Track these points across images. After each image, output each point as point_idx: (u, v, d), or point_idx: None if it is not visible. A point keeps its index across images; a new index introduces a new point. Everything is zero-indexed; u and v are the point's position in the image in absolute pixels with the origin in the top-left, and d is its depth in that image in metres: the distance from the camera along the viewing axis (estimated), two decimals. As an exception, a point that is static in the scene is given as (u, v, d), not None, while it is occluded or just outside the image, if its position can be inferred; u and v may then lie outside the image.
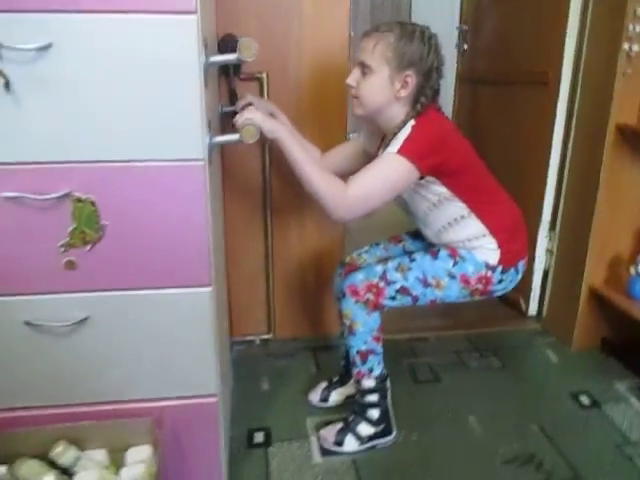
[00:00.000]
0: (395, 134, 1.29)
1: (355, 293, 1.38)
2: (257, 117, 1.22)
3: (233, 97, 1.61)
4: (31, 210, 1.03)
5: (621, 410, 1.70)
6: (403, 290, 1.39)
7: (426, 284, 1.39)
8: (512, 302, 2.30)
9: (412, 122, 1.30)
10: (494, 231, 1.39)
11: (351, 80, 1.34)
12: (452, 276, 1.40)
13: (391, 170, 1.27)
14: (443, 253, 1.42)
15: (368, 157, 1.51)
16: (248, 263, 1.91)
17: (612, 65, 1.75)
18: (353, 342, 1.44)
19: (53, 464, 1.14)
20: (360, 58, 1.32)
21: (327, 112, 1.77)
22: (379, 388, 1.49)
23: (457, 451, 1.52)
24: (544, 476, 1.43)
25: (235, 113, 1.54)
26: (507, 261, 1.41)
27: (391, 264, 1.41)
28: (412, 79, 1.30)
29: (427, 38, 1.29)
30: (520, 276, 1.47)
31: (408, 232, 1.65)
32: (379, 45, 1.28)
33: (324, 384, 1.74)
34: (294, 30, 1.70)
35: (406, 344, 2.03)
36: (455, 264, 1.40)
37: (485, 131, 2.52)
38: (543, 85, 2.04)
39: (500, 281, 1.42)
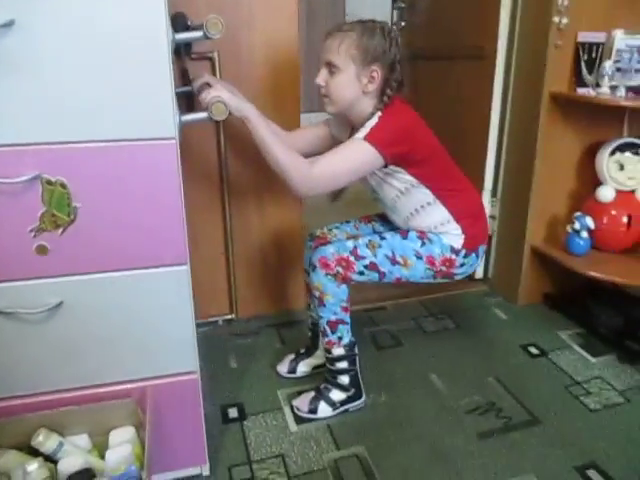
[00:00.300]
0: (362, 124, 1.37)
1: (326, 266, 1.43)
2: (225, 95, 1.23)
3: (185, 77, 1.59)
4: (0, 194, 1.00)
5: (566, 356, 1.85)
6: (372, 266, 1.45)
7: (394, 262, 1.46)
8: (460, 267, 2.42)
9: (379, 113, 1.36)
10: (458, 217, 1.48)
11: (320, 80, 1.39)
12: (419, 256, 1.47)
13: (356, 154, 1.34)
14: (412, 234, 1.49)
15: (334, 143, 1.56)
16: (208, 244, 1.91)
17: (544, 37, 1.87)
18: (323, 313, 1.49)
19: (36, 453, 1.12)
20: (326, 58, 1.37)
21: (280, 90, 1.79)
22: (348, 355, 1.55)
23: (423, 407, 1.61)
24: (505, 421, 1.55)
25: (189, 93, 1.55)
26: (470, 245, 1.50)
27: (362, 240, 1.46)
28: (378, 73, 1.36)
29: (387, 32, 1.35)
30: (479, 261, 1.57)
31: (378, 214, 1.71)
32: (343, 44, 1.33)
33: (291, 356, 1.78)
34: (244, 7, 1.70)
35: (365, 314, 2.11)
36: (423, 245, 1.47)
37: (426, 105, 2.58)
38: (480, 59, 2.15)
39: (462, 264, 1.51)
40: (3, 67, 0.94)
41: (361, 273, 1.45)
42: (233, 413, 1.59)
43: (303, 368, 1.76)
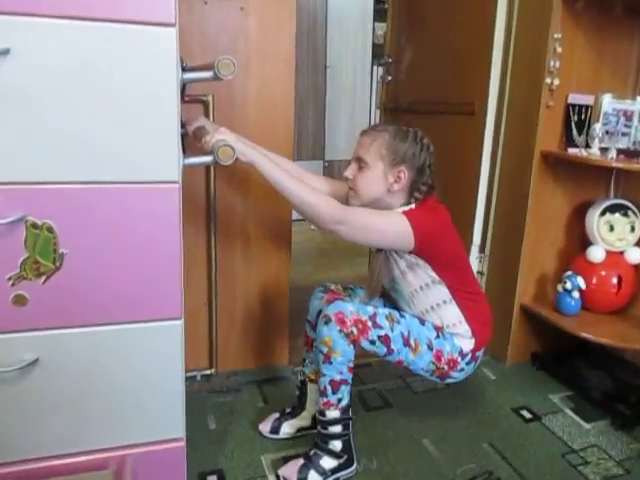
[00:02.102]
0: None
1: (342, 322, 1.35)
2: (231, 138, 1.17)
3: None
4: (-25, 238, 0.89)
5: (559, 421, 1.78)
6: (385, 339, 1.39)
7: (406, 343, 1.42)
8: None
9: (412, 205, 1.40)
10: (470, 320, 1.47)
11: (348, 173, 1.43)
12: (430, 347, 1.44)
13: (392, 220, 1.36)
14: (429, 324, 1.47)
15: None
16: (191, 293, 1.79)
17: (536, 98, 1.89)
18: (328, 371, 1.39)
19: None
20: (358, 153, 1.42)
21: (273, 136, 1.74)
22: (343, 419, 1.45)
23: (417, 475, 1.50)
24: (505, 493, 1.46)
25: (182, 135, 1.48)
26: (478, 348, 1.50)
27: (382, 310, 1.42)
28: (404, 174, 1.38)
29: (419, 138, 1.40)
30: (473, 370, 1.55)
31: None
32: (375, 142, 1.38)
33: (275, 415, 1.66)
34: (239, 50, 1.66)
35: (351, 371, 2.01)
36: (437, 337, 1.45)
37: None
38: (470, 115, 2.16)
39: (461, 370, 1.49)
40: (-6, 98, 0.85)
41: (372, 342, 1.39)
42: (213, 481, 1.45)
43: (287, 429, 1.63)
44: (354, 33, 4.37)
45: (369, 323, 1.37)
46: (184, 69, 1.37)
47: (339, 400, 1.42)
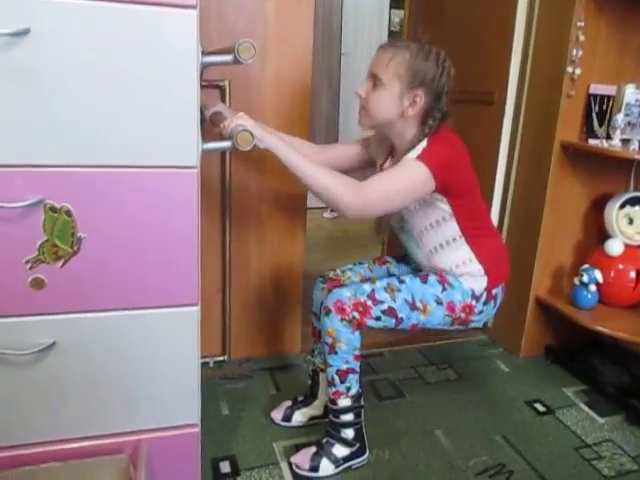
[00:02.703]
0: (406, 148, 1.30)
1: (341, 310, 1.33)
2: (249, 124, 1.15)
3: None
4: (-6, 220, 0.89)
5: (573, 415, 1.76)
6: (389, 311, 1.36)
7: (413, 307, 1.38)
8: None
9: (425, 140, 1.30)
10: (481, 257, 1.42)
11: (361, 90, 1.34)
12: (439, 302, 1.39)
13: (409, 174, 1.27)
14: (432, 278, 1.41)
15: (367, 163, 1.53)
16: (205, 280, 1.78)
17: (557, 87, 1.85)
18: (333, 361, 1.38)
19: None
20: (373, 70, 1.32)
21: (290, 121, 1.72)
22: (354, 407, 1.44)
23: (429, 466, 1.50)
24: (518, 485, 1.45)
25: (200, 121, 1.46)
26: (492, 285, 1.43)
27: (380, 284, 1.37)
28: (421, 99, 1.30)
29: (442, 60, 1.32)
30: (495, 310, 1.50)
31: (392, 255, 1.65)
32: (394, 60, 1.29)
33: (288, 403, 1.66)
34: (257, 35, 1.64)
35: (363, 361, 1.98)
36: (444, 290, 1.40)
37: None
38: (489, 104, 2.12)
39: (480, 312, 1.44)
40: (12, 78, 0.85)
41: (377, 319, 1.36)
42: (225, 468, 1.45)
43: (299, 417, 1.63)
44: (370, 20, 4.32)
45: (369, 302, 1.34)
46: (203, 53, 1.36)
47: (348, 389, 1.41)
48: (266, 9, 1.65)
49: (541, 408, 1.79)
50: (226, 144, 1.05)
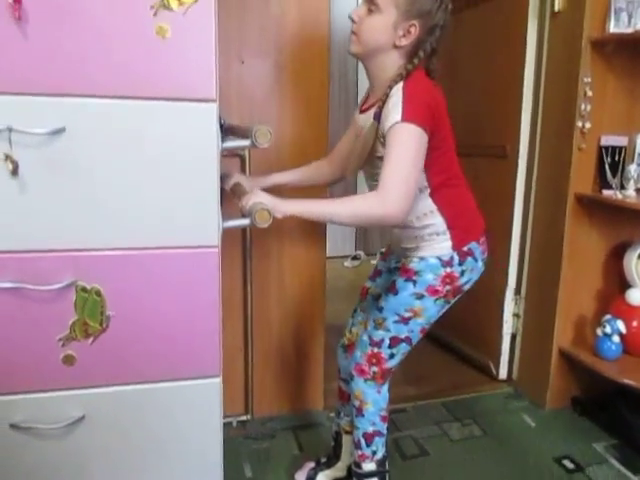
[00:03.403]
0: (386, 96, 1.24)
1: (362, 372, 1.36)
2: (267, 200, 1.16)
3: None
4: (30, 301, 0.95)
5: (604, 472, 1.72)
6: (393, 341, 1.35)
7: (407, 320, 1.34)
8: (482, 366, 2.33)
9: (401, 85, 1.23)
10: (444, 210, 1.34)
11: (355, 14, 1.28)
12: (420, 297, 1.34)
13: (408, 144, 1.20)
14: (399, 283, 1.36)
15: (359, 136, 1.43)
16: (227, 338, 1.81)
17: (567, 141, 1.89)
18: (360, 424, 1.39)
19: None
20: None
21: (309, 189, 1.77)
22: (379, 472, 1.43)
23: (457, 529, 1.48)
24: None
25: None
26: (459, 243, 1.34)
27: (370, 326, 1.39)
28: (415, 30, 1.24)
29: None
30: (481, 264, 1.41)
31: (369, 276, 1.61)
32: None
33: (311, 464, 1.66)
34: (275, 99, 1.73)
35: (386, 416, 1.99)
36: (414, 283, 1.34)
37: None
38: (502, 158, 2.17)
39: (462, 272, 1.35)
40: (48, 171, 0.92)
41: (392, 356, 1.36)
42: (249, 532, 1.45)
43: (322, 479, 1.63)
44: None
45: (375, 349, 1.35)
46: (222, 126, 1.44)
47: (374, 452, 1.41)
48: (282, 77, 1.74)
49: (570, 465, 1.75)
50: (245, 221, 1.10)
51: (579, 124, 1.87)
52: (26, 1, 0.87)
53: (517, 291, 2.19)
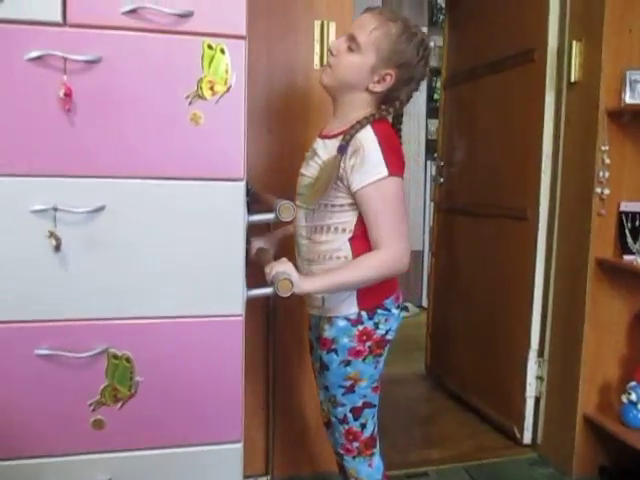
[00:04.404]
0: (350, 136, 1.21)
1: (347, 450, 1.38)
2: (290, 270, 1.19)
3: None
4: (64, 367, 1.01)
5: None
6: (355, 412, 1.35)
7: (351, 389, 1.33)
8: (506, 430, 2.29)
9: (370, 129, 1.22)
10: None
11: (334, 48, 1.27)
12: (347, 363, 1.32)
13: (396, 196, 1.22)
14: (325, 357, 1.34)
15: None
16: (248, 398, 1.84)
17: (587, 207, 1.92)
18: None
19: None
20: (354, 32, 1.24)
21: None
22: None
23: None
24: None
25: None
26: (365, 303, 1.30)
27: (330, 407, 1.39)
28: (391, 79, 1.24)
29: (424, 47, 1.26)
30: (397, 312, 1.36)
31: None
32: (378, 30, 1.21)
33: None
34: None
35: (408, 481, 1.97)
36: (337, 352, 1.32)
37: (464, 257, 2.65)
38: (522, 220, 2.20)
39: (377, 326, 1.32)
40: (88, 247, 1.00)
41: (363, 426, 1.36)
42: None
43: None
44: (408, 129, 4.55)
45: (346, 426, 1.35)
46: (249, 191, 1.51)
47: None
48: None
49: (598, 539, 1.71)
50: (268, 290, 1.15)
51: (598, 190, 1.90)
52: (75, 95, 0.96)
53: (540, 353, 2.17)
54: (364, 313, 1.30)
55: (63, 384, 1.02)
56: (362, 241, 1.27)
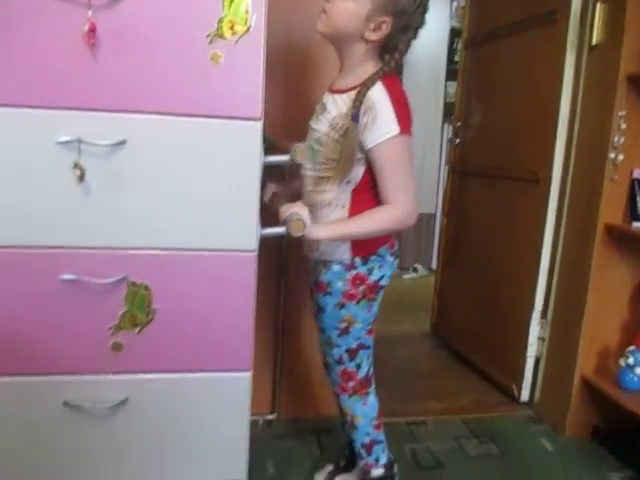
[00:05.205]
0: (362, 95, 1.22)
1: (343, 390, 1.45)
2: (305, 213, 1.23)
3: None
4: (87, 292, 1.07)
5: (618, 502, 1.74)
6: (350, 353, 1.42)
7: (345, 331, 1.40)
8: (505, 388, 2.36)
9: (381, 87, 1.23)
10: (353, 212, 1.33)
11: None
12: (341, 305, 1.37)
13: (405, 154, 1.25)
14: (321, 300, 1.41)
15: None
16: (259, 342, 1.92)
17: (600, 171, 1.93)
18: (356, 436, 1.48)
19: None
20: None
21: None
22: (388, 475, 1.51)
23: (466, 541, 1.53)
24: None
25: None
26: (359, 251, 1.35)
27: (326, 348, 1.46)
28: (386, 27, 1.22)
29: None
30: (391, 259, 1.40)
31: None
32: None
33: (330, 467, 1.73)
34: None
35: (406, 428, 2.05)
36: (331, 295, 1.37)
37: (475, 219, 2.68)
38: (534, 183, 2.22)
39: (370, 271, 1.36)
40: (110, 179, 1.05)
41: (358, 366, 1.43)
42: (268, 526, 1.54)
43: (339, 482, 1.71)
44: (427, 93, 4.51)
45: (342, 367, 1.43)
46: (265, 139, 1.55)
47: (376, 460, 1.48)
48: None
49: (583, 491, 1.78)
50: (281, 230, 1.20)
51: (612, 156, 1.90)
52: (99, 31, 1.00)
53: (543, 315, 2.22)
54: (357, 259, 1.35)
55: (85, 308, 1.08)
56: (362, 193, 1.32)
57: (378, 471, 1.50)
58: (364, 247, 1.36)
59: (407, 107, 1.26)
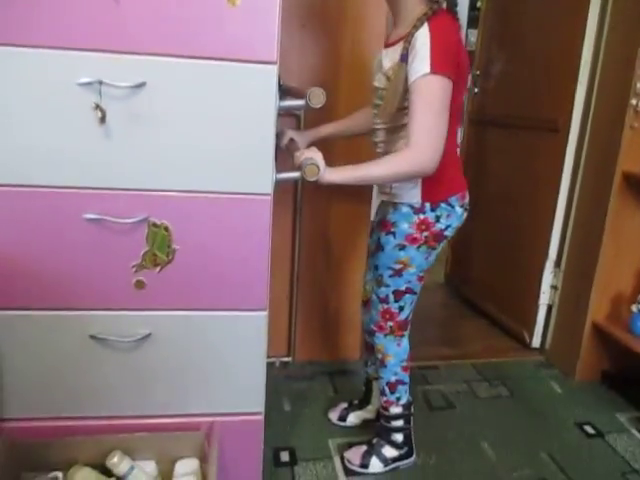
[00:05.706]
0: (411, 36, 1.24)
1: (380, 328, 1.50)
2: (319, 158, 1.26)
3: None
4: (110, 232, 1.11)
5: (623, 440, 1.80)
6: (397, 295, 1.46)
7: (398, 273, 1.43)
8: (516, 334, 2.41)
9: (426, 26, 1.22)
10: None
11: None
12: (402, 247, 1.40)
13: (436, 95, 1.22)
14: (382, 239, 1.44)
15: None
16: (275, 286, 1.97)
17: (620, 118, 1.90)
18: (384, 374, 1.53)
19: (106, 472, 1.19)
20: None
21: (359, 143, 1.85)
22: (405, 414, 1.57)
23: (473, 474, 1.60)
24: (558, 500, 1.52)
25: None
26: (428, 195, 1.37)
27: (375, 286, 1.50)
28: None
29: None
30: (460, 210, 1.42)
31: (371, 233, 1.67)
32: None
33: (344, 404, 1.81)
34: (331, 68, 1.82)
35: (419, 372, 2.12)
36: (394, 235, 1.40)
37: (494, 167, 2.66)
38: (553, 131, 2.19)
39: (437, 218, 1.39)
40: (130, 121, 1.06)
41: (401, 308, 1.47)
42: (285, 457, 1.62)
43: (353, 419, 1.78)
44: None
45: (385, 306, 1.47)
46: (280, 87, 1.55)
47: (398, 399, 1.54)
48: (339, 44, 1.82)
49: (591, 431, 1.84)
50: (296, 174, 1.22)
51: (633, 102, 1.87)
52: (119, -28, 1.00)
53: (557, 263, 2.24)
54: (427, 204, 1.38)
55: (109, 247, 1.12)
56: None
57: (397, 409, 1.56)
58: (435, 193, 1.38)
59: (447, 49, 1.23)
